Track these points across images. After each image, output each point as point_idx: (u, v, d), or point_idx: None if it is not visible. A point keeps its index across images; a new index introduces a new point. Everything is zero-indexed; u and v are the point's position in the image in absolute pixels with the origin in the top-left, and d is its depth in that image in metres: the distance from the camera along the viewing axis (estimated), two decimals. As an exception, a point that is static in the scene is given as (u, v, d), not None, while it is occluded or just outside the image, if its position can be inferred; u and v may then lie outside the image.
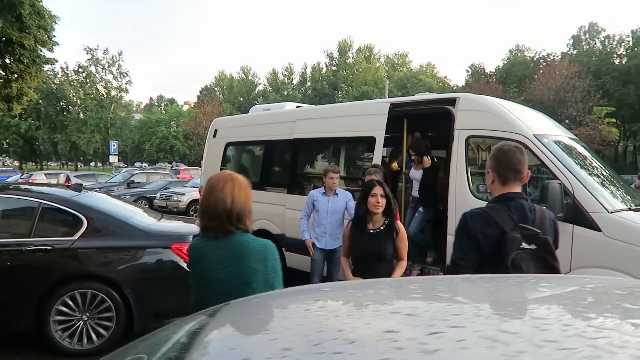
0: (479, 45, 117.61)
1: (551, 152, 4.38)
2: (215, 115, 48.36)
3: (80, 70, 45.77)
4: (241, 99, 76.94)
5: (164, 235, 4.64)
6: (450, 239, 4.80)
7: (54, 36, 15.07)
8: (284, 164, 6.74)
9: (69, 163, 61.94)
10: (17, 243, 4.16)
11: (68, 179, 20.10)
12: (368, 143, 5.62)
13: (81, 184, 5.43)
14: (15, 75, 13.77)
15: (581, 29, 53.28)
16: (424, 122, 5.99)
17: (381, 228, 3.32)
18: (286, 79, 79.58)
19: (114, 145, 23.80)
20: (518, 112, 4.92)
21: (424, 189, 5.64)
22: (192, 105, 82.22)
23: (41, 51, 14.81)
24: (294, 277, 6.26)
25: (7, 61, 13.46)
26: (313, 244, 4.99)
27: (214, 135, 8.06)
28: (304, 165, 6.48)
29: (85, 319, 4.20)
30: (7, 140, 47.33)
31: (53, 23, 14.74)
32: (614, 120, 32.30)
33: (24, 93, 14.88)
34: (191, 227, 5.09)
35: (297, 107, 7.65)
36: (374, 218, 3.33)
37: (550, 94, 30.07)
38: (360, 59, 73.82)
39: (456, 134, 4.89)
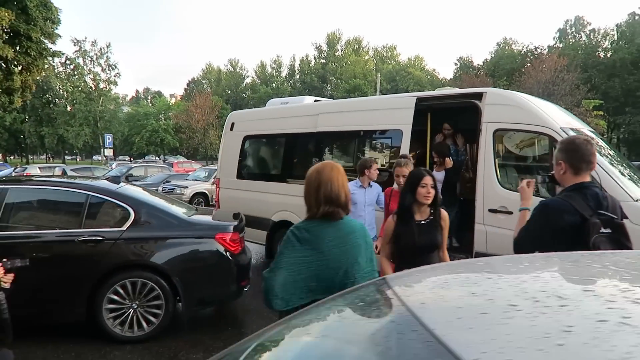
0: (466, 38, 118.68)
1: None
2: (207, 108, 48.31)
3: (67, 62, 45.09)
4: (229, 91, 76.64)
5: (208, 225, 4.79)
6: (479, 227, 5.07)
7: (57, 28, 14.89)
8: (307, 156, 6.89)
9: (54, 157, 61.04)
10: (69, 234, 4.26)
11: (64, 173, 19.96)
12: (395, 136, 5.81)
13: (119, 176, 5.52)
14: (20, 68, 13.57)
15: (567, 22, 54.23)
16: (447, 116, 6.19)
17: (430, 218, 3.21)
18: (274, 71, 79.36)
19: (109, 138, 23.57)
20: (543, 105, 5.16)
21: (447, 189, 5.82)
22: (179, 98, 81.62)
23: (45, 44, 14.62)
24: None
25: (12, 54, 13.18)
26: None
27: (231, 129, 8.16)
28: (328, 157, 6.63)
29: (135, 306, 4.34)
30: (-8, 134, 46.56)
31: (57, 14, 14.58)
32: (601, 113, 33.02)
33: (29, 86, 14.69)
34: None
35: (315, 100, 7.80)
36: (421, 209, 3.21)
37: (540, 87, 30.61)
38: (349, 51, 73.95)
39: (484, 127, 5.09)
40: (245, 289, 4.94)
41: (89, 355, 4.09)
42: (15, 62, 13.32)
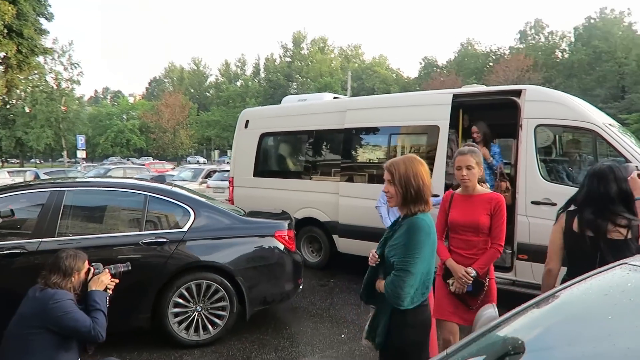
0: (428, 39, 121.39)
1: (621, 139, 4.85)
2: (177, 107, 47.16)
3: (25, 60, 42.38)
4: (192, 90, 75.24)
5: (265, 224, 4.71)
6: (522, 219, 5.22)
7: (41, 24, 13.97)
8: (335, 153, 6.88)
9: (10, 160, 57.62)
10: (133, 236, 4.08)
11: (37, 177, 19.01)
12: (431, 132, 5.90)
13: (164, 176, 5.33)
14: (5, 66, 12.63)
15: (527, 24, 56.53)
16: (478, 112, 6.32)
17: None
18: (239, 70, 78.51)
19: (81, 139, 22.49)
20: (581, 102, 5.39)
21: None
22: (140, 98, 79.43)
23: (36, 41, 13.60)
24: (348, 261, 6.54)
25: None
26: None
27: (246, 126, 8.03)
28: (358, 153, 6.65)
29: (199, 309, 4.22)
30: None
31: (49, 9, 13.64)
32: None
33: (14, 85, 13.74)
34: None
35: (334, 97, 7.80)
36: None
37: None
38: (315, 50, 74.02)
39: (524, 123, 5.25)
40: (301, 287, 4.89)
41: (160, 362, 3.95)
42: (8, 62, 12.46)
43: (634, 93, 39.64)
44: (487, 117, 6.37)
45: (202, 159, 53.18)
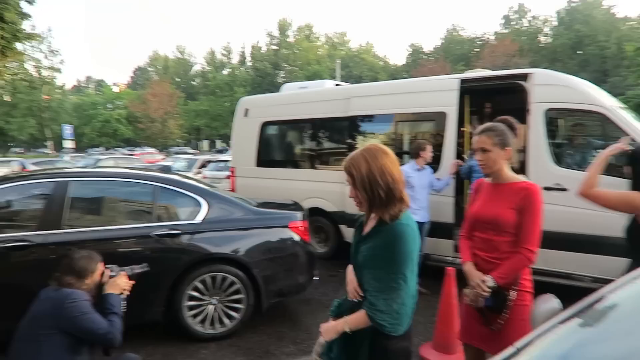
0: (413, 25, 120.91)
1: (628, 120, 4.84)
2: (165, 97, 46.38)
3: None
4: (178, 79, 74.15)
5: (279, 214, 4.63)
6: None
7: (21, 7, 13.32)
8: (340, 142, 6.79)
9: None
10: (145, 228, 3.96)
11: (23, 168, 18.59)
12: (438, 118, 5.84)
13: (169, 166, 5.19)
14: None
15: (511, 9, 56.74)
16: (485, 98, 6.28)
17: None
18: (225, 58, 77.47)
19: (68, 129, 21.91)
20: (588, 84, 5.37)
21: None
22: (125, 87, 78.13)
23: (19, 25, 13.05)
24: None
25: None
26: None
27: (245, 115, 7.90)
28: (363, 142, 6.56)
29: (215, 302, 4.14)
30: None
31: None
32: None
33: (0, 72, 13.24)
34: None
35: (336, 85, 7.69)
36: None
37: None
38: (301, 37, 73.29)
39: (534, 108, 5.21)
40: (316, 278, 4.83)
41: (177, 356, 3.87)
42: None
43: (615, 76, 40.05)
44: (493, 102, 6.35)
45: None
